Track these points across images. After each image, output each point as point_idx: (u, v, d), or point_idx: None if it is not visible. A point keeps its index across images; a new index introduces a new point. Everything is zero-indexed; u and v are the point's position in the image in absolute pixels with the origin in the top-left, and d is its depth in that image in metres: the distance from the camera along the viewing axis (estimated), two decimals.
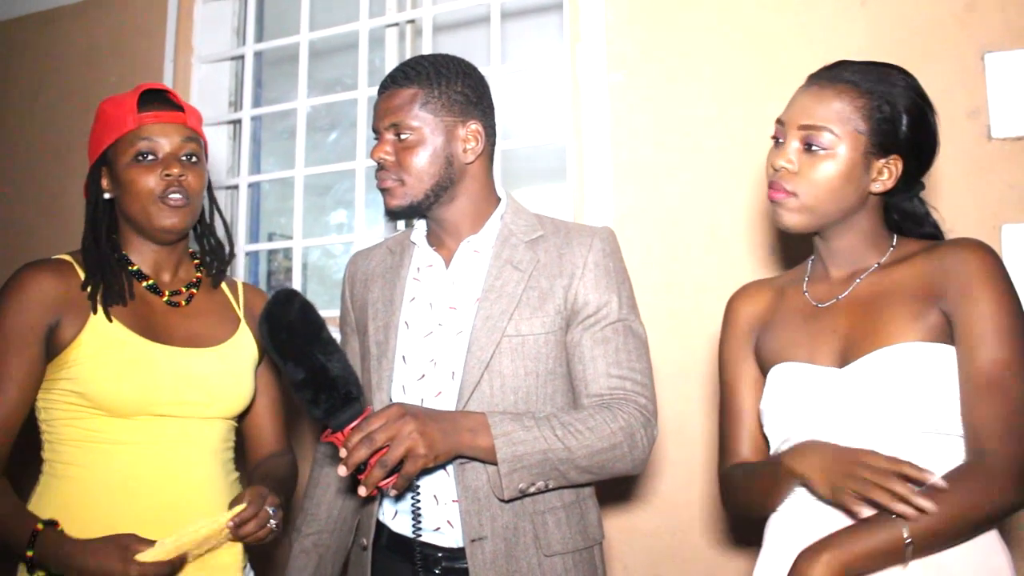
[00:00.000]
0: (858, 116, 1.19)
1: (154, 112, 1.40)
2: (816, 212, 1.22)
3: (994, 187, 1.76)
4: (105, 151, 1.42)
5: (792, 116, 1.23)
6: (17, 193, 2.93)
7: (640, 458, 1.32)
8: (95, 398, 1.31)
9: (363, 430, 1.15)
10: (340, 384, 1.17)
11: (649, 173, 2.07)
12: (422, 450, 1.16)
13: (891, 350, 1.15)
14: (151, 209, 1.38)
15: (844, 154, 1.19)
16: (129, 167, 1.39)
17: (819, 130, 1.19)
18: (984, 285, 1.12)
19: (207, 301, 1.49)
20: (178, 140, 1.41)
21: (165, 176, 1.38)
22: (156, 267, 1.46)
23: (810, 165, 1.20)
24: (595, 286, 1.36)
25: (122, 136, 1.39)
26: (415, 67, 1.37)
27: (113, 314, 1.35)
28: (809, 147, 1.20)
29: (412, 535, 1.33)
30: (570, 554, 1.33)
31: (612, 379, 1.33)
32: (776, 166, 1.23)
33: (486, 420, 1.25)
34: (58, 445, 1.34)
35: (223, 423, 1.44)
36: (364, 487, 1.16)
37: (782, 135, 1.24)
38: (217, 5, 2.77)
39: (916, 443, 1.12)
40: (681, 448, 1.98)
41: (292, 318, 1.18)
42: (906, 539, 1.03)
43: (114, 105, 1.43)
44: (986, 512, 1.05)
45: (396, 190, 1.36)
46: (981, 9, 1.79)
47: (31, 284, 1.33)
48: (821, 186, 1.20)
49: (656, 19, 2.09)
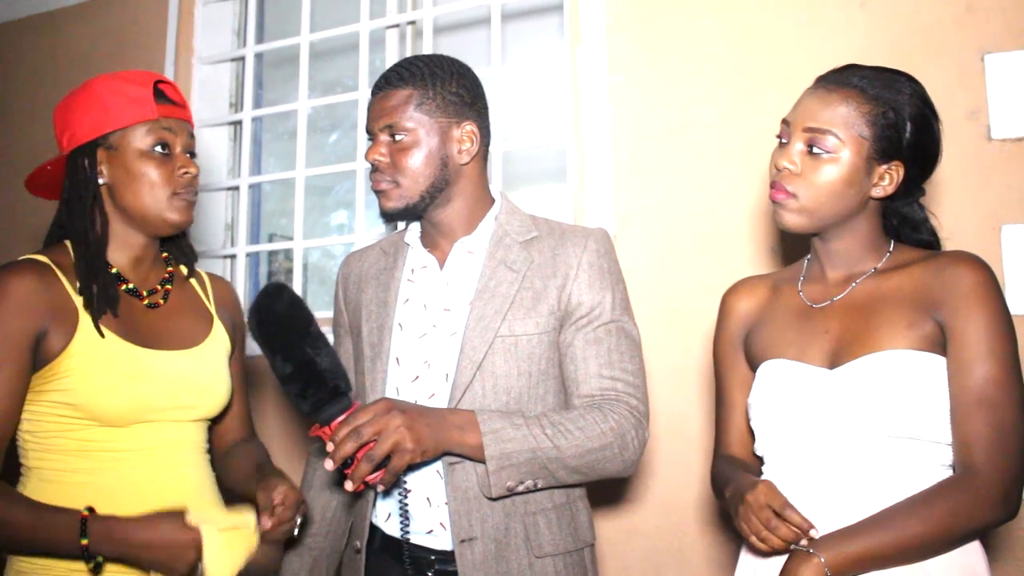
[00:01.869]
0: (863, 121, 1.19)
1: (170, 106, 1.39)
2: (816, 214, 1.22)
3: (994, 188, 1.76)
4: (109, 134, 1.35)
5: (798, 117, 1.23)
6: (19, 193, 2.93)
7: (631, 459, 1.31)
8: (91, 409, 1.27)
9: (350, 424, 1.15)
10: (328, 378, 1.17)
11: (649, 174, 2.07)
12: (409, 445, 1.16)
13: (883, 355, 1.16)
14: (164, 203, 1.36)
15: (847, 158, 1.19)
16: (144, 156, 1.35)
17: (823, 133, 1.19)
18: (980, 302, 1.14)
19: (181, 298, 1.47)
20: (186, 137, 1.40)
21: (184, 174, 1.37)
22: (135, 262, 1.41)
23: (813, 168, 1.20)
24: (589, 287, 1.35)
25: (140, 123, 1.35)
26: (409, 68, 1.36)
27: (101, 321, 1.31)
28: (812, 149, 1.20)
29: (400, 536, 1.33)
30: (561, 556, 1.32)
31: (604, 380, 1.33)
32: (779, 166, 1.23)
33: (475, 417, 1.24)
34: (47, 454, 1.30)
35: (206, 422, 1.44)
36: (351, 482, 1.16)
37: (787, 136, 1.24)
38: (218, 6, 2.77)
39: (902, 449, 1.15)
40: (680, 448, 1.98)
41: (281, 311, 1.18)
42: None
43: (120, 87, 1.36)
44: (974, 526, 1.10)
45: (391, 192, 1.35)
46: (981, 10, 1.79)
47: (17, 290, 1.26)
48: (822, 189, 1.20)
49: (656, 21, 2.09)
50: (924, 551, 1.09)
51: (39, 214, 1.51)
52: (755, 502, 1.13)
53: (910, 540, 1.07)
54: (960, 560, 1.12)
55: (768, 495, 1.12)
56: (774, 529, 1.11)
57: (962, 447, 1.12)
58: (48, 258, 1.33)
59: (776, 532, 1.11)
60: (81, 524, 1.17)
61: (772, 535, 1.11)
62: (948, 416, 1.14)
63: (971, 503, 1.08)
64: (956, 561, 1.11)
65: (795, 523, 1.10)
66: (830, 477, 1.17)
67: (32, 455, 1.31)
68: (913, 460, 1.14)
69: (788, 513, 1.10)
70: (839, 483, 1.16)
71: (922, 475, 1.14)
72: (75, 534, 1.17)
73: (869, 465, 1.15)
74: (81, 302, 1.31)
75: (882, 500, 1.12)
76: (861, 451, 1.16)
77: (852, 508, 1.13)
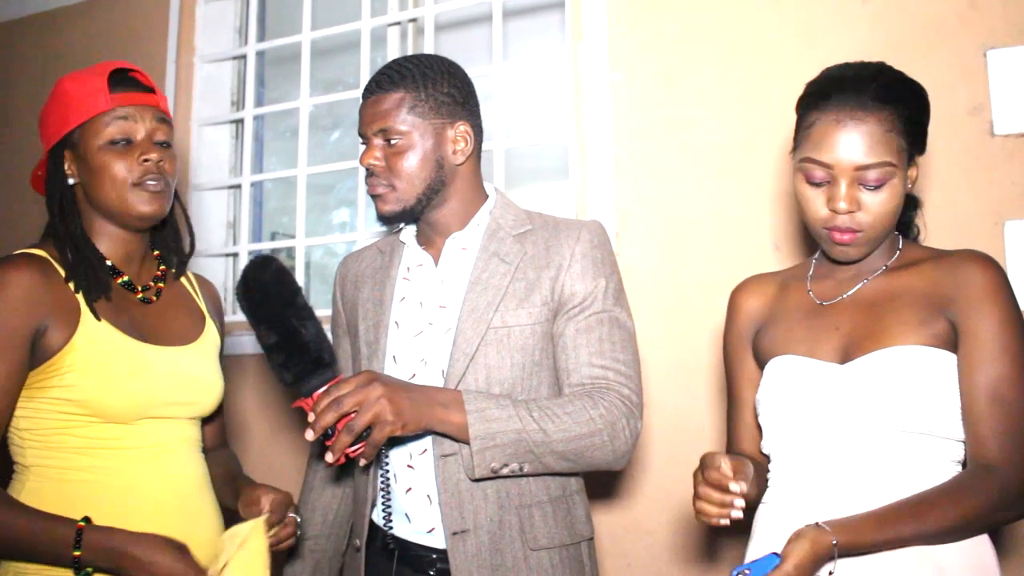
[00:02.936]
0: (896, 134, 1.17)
1: (127, 93, 1.33)
2: (877, 240, 1.22)
3: (996, 184, 1.75)
4: (70, 133, 1.32)
5: (840, 160, 1.17)
6: (20, 193, 2.93)
7: (622, 450, 1.29)
8: (94, 406, 1.26)
9: (332, 395, 1.15)
10: (312, 349, 1.17)
11: (650, 171, 2.07)
12: (389, 417, 1.16)
13: (894, 350, 1.16)
14: (128, 196, 1.31)
15: (899, 180, 1.18)
16: (102, 151, 1.30)
17: (879, 167, 1.16)
18: (993, 301, 1.15)
19: (173, 295, 1.45)
20: (152, 123, 1.34)
21: (143, 161, 1.31)
22: (126, 258, 1.39)
23: (874, 200, 1.17)
24: (581, 276, 1.34)
25: (94, 117, 1.31)
26: (400, 70, 1.35)
27: (101, 315, 1.29)
28: (871, 185, 1.17)
29: (400, 534, 1.33)
30: (556, 549, 1.32)
31: (595, 368, 1.31)
32: (837, 210, 1.17)
33: (460, 396, 1.24)
34: (47, 452, 1.27)
35: (200, 420, 1.42)
36: (331, 453, 1.16)
37: (829, 177, 1.18)
38: (219, 5, 2.77)
39: (913, 444, 1.15)
40: (681, 444, 1.97)
41: (267, 280, 1.18)
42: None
43: (79, 83, 1.33)
44: (989, 521, 1.11)
45: (388, 196, 1.34)
46: (983, 6, 1.78)
47: (16, 283, 1.23)
48: (887, 217, 1.19)
49: (657, 18, 2.09)
50: (939, 541, 1.10)
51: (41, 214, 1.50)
52: (694, 476, 1.14)
53: (929, 532, 1.08)
54: (970, 551, 1.12)
55: (703, 465, 1.13)
56: (701, 495, 1.11)
57: (976, 444, 1.13)
58: (46, 252, 1.31)
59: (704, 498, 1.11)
60: (76, 534, 1.16)
61: (701, 502, 1.11)
62: (958, 412, 1.15)
63: (993, 499, 1.09)
64: (966, 552, 1.12)
65: (712, 480, 1.10)
66: (840, 471, 1.17)
67: (30, 453, 1.28)
68: (924, 455, 1.14)
69: (708, 474, 1.10)
70: (849, 477, 1.16)
71: (933, 470, 1.14)
72: (69, 546, 1.15)
73: (880, 460, 1.15)
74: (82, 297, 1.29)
75: (892, 494, 1.11)
76: (872, 446, 1.15)
77: (862, 503, 1.12)
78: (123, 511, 1.26)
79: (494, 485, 1.30)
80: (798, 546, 1.06)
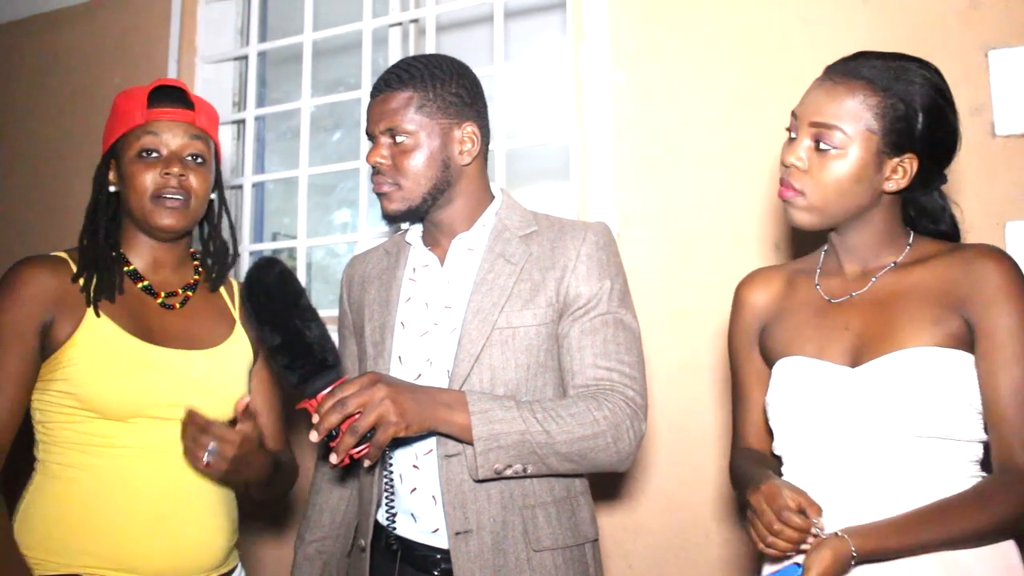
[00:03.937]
0: (871, 115, 1.15)
1: (163, 108, 1.39)
2: (825, 212, 1.19)
3: (998, 184, 1.75)
4: (114, 144, 1.41)
5: (804, 112, 1.20)
6: (21, 193, 2.94)
7: (626, 451, 1.29)
8: (89, 401, 1.29)
9: (336, 396, 1.15)
10: (316, 350, 1.17)
11: (652, 171, 2.07)
12: (393, 418, 1.16)
13: (908, 352, 1.13)
14: (148, 207, 1.38)
15: (855, 154, 1.16)
16: (132, 162, 1.38)
17: (830, 128, 1.16)
18: (1010, 299, 1.11)
19: (203, 303, 1.48)
20: (184, 139, 1.40)
21: (164, 174, 1.37)
22: (155, 264, 1.44)
23: (820, 164, 1.17)
24: (587, 278, 1.34)
25: (130, 130, 1.39)
26: (408, 69, 1.35)
27: (108, 314, 1.33)
28: (819, 145, 1.17)
29: (405, 534, 1.33)
30: (560, 550, 1.31)
31: (599, 370, 1.31)
32: (787, 163, 1.20)
33: (464, 397, 1.24)
34: (53, 447, 1.32)
35: None
36: (335, 454, 1.16)
37: (795, 129, 1.21)
38: (221, 5, 2.77)
39: (930, 449, 1.12)
40: (685, 445, 1.98)
41: (270, 282, 1.19)
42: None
43: (126, 98, 1.42)
44: (1019, 526, 1.08)
45: (393, 194, 1.35)
46: (985, 6, 1.78)
47: (26, 279, 1.32)
48: (829, 187, 1.17)
49: (659, 18, 2.09)
50: (965, 547, 1.08)
51: (41, 214, 1.51)
52: (757, 506, 1.11)
53: (955, 538, 1.06)
54: (995, 553, 1.10)
55: (769, 498, 1.10)
56: (777, 533, 1.09)
57: (1001, 448, 1.10)
58: (68, 255, 1.39)
59: (780, 536, 1.09)
60: None
61: (776, 539, 1.09)
62: (977, 413, 1.12)
63: (1019, 502, 1.06)
64: (991, 555, 1.10)
65: (794, 525, 1.08)
66: (855, 478, 1.15)
67: (42, 447, 1.34)
68: (942, 459, 1.12)
69: (786, 516, 1.08)
70: (865, 484, 1.14)
71: (951, 474, 1.11)
72: None
73: (896, 466, 1.12)
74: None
75: (910, 501, 1.09)
76: (888, 451, 1.13)
77: (879, 510, 1.10)
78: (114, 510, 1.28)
79: (498, 486, 1.30)
80: (820, 556, 1.04)
